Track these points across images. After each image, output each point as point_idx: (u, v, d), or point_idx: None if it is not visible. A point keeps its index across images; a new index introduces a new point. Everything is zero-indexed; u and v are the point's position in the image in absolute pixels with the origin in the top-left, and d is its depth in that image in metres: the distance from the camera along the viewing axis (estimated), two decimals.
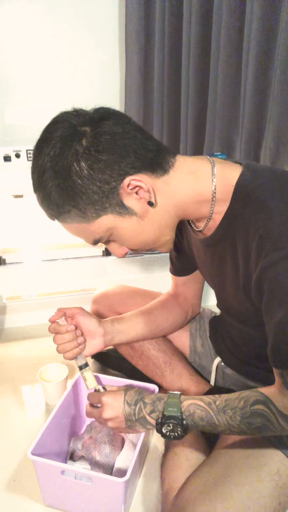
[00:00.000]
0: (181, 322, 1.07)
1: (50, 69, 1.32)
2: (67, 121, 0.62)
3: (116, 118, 0.63)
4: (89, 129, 0.61)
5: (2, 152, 1.27)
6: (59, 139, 0.61)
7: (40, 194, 0.64)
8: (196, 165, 0.68)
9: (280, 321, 0.59)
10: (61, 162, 0.60)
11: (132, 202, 0.64)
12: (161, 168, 0.65)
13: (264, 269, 0.60)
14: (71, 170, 0.60)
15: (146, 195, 0.64)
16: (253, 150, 1.44)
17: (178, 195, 0.67)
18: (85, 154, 0.60)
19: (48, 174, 0.61)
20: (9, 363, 1.34)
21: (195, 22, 1.26)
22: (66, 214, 0.64)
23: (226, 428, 0.68)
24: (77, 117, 0.62)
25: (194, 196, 0.68)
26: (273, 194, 0.63)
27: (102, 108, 0.65)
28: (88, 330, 0.88)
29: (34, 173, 0.64)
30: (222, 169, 0.68)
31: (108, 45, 1.35)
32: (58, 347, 0.83)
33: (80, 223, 0.65)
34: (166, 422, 0.70)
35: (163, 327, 1.04)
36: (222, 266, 0.75)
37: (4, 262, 1.48)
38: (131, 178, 0.62)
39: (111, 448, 0.89)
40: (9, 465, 0.95)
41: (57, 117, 0.64)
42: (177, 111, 1.37)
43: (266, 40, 1.29)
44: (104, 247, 1.54)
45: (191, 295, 1.05)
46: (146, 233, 0.68)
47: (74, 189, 0.61)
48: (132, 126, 0.64)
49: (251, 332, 0.81)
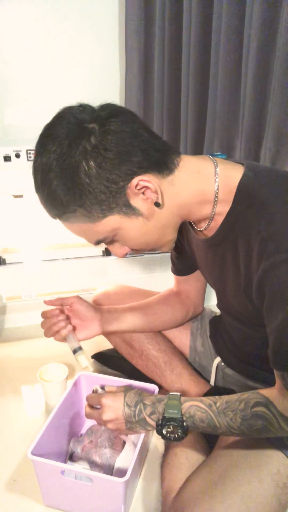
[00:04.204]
0: (181, 319, 1.07)
1: (50, 69, 1.32)
2: (73, 117, 0.60)
3: (124, 116, 0.62)
4: (98, 126, 0.59)
5: (2, 152, 1.27)
6: (65, 136, 0.59)
7: (43, 193, 0.62)
8: (200, 165, 0.68)
9: (282, 324, 0.59)
10: (68, 161, 0.58)
11: (139, 202, 0.63)
12: (167, 168, 0.64)
13: (266, 271, 0.60)
14: (80, 168, 0.58)
15: (153, 196, 0.63)
16: (253, 150, 1.44)
17: (182, 195, 0.67)
18: (94, 153, 0.58)
19: (54, 172, 0.59)
20: (9, 363, 1.34)
21: (195, 22, 1.26)
22: (71, 213, 0.63)
23: (226, 430, 0.68)
24: (83, 113, 0.60)
25: (197, 196, 0.67)
26: (275, 195, 0.62)
27: (108, 104, 0.63)
28: (85, 315, 0.92)
29: (38, 171, 0.62)
30: (224, 169, 0.68)
31: (108, 45, 1.34)
32: (45, 331, 0.89)
33: (84, 223, 0.64)
34: (166, 424, 0.70)
35: (161, 321, 1.04)
36: (223, 267, 0.75)
37: (4, 262, 1.48)
38: (140, 178, 0.61)
39: (112, 452, 0.89)
40: (9, 465, 0.95)
41: (62, 112, 0.62)
42: (177, 111, 1.37)
43: (266, 40, 1.29)
44: (104, 247, 1.54)
45: (193, 293, 1.05)
46: (150, 233, 0.68)
47: (81, 188, 0.59)
48: (140, 125, 0.63)
49: (251, 332, 0.81)
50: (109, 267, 1.54)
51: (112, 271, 1.55)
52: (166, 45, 1.29)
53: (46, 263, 1.50)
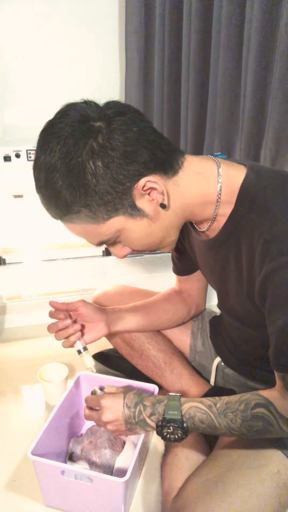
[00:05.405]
0: (183, 317, 1.07)
1: (50, 69, 1.32)
2: (78, 113, 0.58)
3: (131, 114, 0.60)
4: (104, 125, 0.57)
5: (2, 152, 1.27)
6: (70, 134, 0.56)
7: (46, 192, 0.60)
8: (203, 166, 0.67)
9: (283, 325, 0.59)
10: (74, 160, 0.56)
11: (144, 203, 0.62)
12: (172, 169, 0.64)
13: (269, 274, 0.60)
14: (86, 168, 0.56)
15: (159, 197, 0.62)
16: (253, 150, 1.43)
17: (186, 196, 0.66)
18: (101, 152, 0.56)
19: (58, 172, 0.57)
20: (9, 363, 1.34)
21: (195, 22, 1.26)
22: (75, 214, 0.61)
23: (226, 431, 0.68)
24: (88, 110, 0.59)
25: (201, 197, 0.67)
26: (278, 197, 0.62)
27: (114, 102, 0.61)
28: (91, 318, 0.92)
29: (41, 170, 0.59)
30: (227, 170, 0.67)
31: (108, 45, 1.34)
32: (55, 335, 0.88)
33: (88, 223, 0.63)
34: (166, 425, 0.70)
35: (164, 319, 1.04)
36: (225, 268, 0.75)
37: (4, 262, 1.48)
38: (147, 179, 0.60)
39: (112, 453, 0.89)
40: (9, 465, 0.95)
41: (66, 108, 0.60)
42: (177, 111, 1.37)
43: (266, 39, 1.28)
44: (104, 247, 1.54)
45: (194, 292, 1.06)
46: (154, 234, 0.67)
47: (87, 188, 0.58)
48: (147, 123, 0.61)
49: (251, 332, 0.81)
50: (109, 267, 1.54)
51: (112, 271, 1.55)
52: (166, 45, 1.29)
53: (46, 263, 1.50)
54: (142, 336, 1.06)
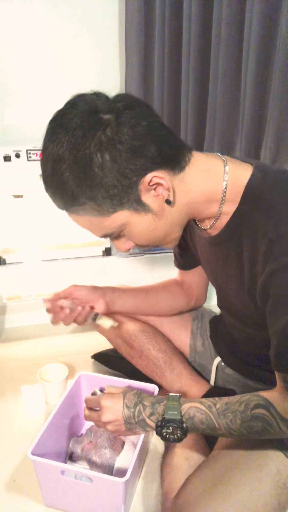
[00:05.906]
0: (182, 306, 1.08)
1: (50, 69, 1.32)
2: (87, 105, 0.58)
3: (141, 108, 0.60)
4: (113, 118, 0.57)
5: (2, 152, 1.27)
6: (79, 125, 0.56)
7: (53, 183, 0.60)
8: (210, 163, 0.67)
9: (285, 326, 0.59)
10: (82, 152, 0.56)
11: (150, 199, 0.62)
12: (179, 165, 0.64)
13: (272, 274, 0.60)
14: (93, 161, 0.56)
15: (164, 193, 0.62)
16: (253, 150, 1.43)
17: (191, 193, 0.66)
18: (109, 145, 0.56)
19: (66, 163, 0.57)
20: (9, 363, 1.34)
21: (195, 22, 1.26)
22: (80, 206, 0.61)
23: (226, 432, 0.68)
24: (98, 101, 0.58)
25: (206, 195, 0.67)
26: (283, 198, 0.62)
27: (124, 95, 0.61)
28: (88, 298, 0.95)
29: (48, 160, 0.59)
30: (233, 168, 0.67)
31: (108, 45, 1.34)
32: (63, 323, 0.93)
33: (93, 216, 0.63)
34: (166, 425, 0.69)
35: (163, 305, 1.06)
36: (226, 265, 0.75)
37: (4, 262, 1.48)
38: (153, 175, 0.60)
39: (112, 453, 0.89)
40: (9, 465, 0.95)
41: (76, 99, 0.60)
42: (177, 111, 1.37)
43: (267, 39, 1.28)
44: (104, 247, 1.54)
45: (195, 285, 1.06)
46: (158, 230, 0.67)
47: (93, 181, 0.58)
48: (156, 118, 0.61)
49: (251, 332, 0.81)
50: (109, 267, 1.54)
51: (112, 271, 1.55)
52: (166, 45, 1.29)
53: (46, 263, 1.50)
54: (142, 336, 1.06)
